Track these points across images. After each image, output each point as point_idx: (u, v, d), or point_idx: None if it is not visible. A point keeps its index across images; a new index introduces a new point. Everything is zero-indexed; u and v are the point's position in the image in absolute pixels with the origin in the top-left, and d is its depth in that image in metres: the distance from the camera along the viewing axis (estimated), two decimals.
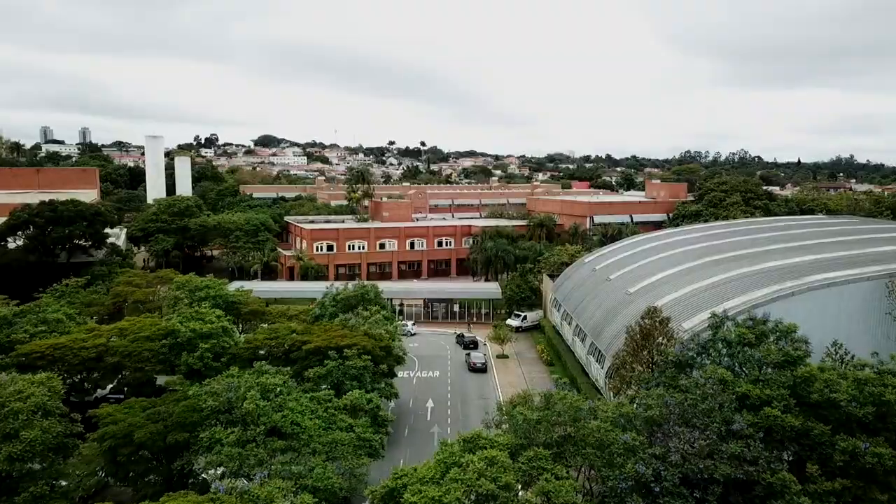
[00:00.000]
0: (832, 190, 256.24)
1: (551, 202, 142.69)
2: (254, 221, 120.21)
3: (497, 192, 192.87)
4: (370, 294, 70.96)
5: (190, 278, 74.24)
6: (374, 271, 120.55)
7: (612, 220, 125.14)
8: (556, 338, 78.67)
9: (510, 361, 75.27)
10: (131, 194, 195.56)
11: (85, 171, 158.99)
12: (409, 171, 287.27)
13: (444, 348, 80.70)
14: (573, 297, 72.96)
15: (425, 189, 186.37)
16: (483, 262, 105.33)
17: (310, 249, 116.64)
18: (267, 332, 57.84)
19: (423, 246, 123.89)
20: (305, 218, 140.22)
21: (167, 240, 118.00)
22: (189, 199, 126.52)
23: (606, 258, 77.63)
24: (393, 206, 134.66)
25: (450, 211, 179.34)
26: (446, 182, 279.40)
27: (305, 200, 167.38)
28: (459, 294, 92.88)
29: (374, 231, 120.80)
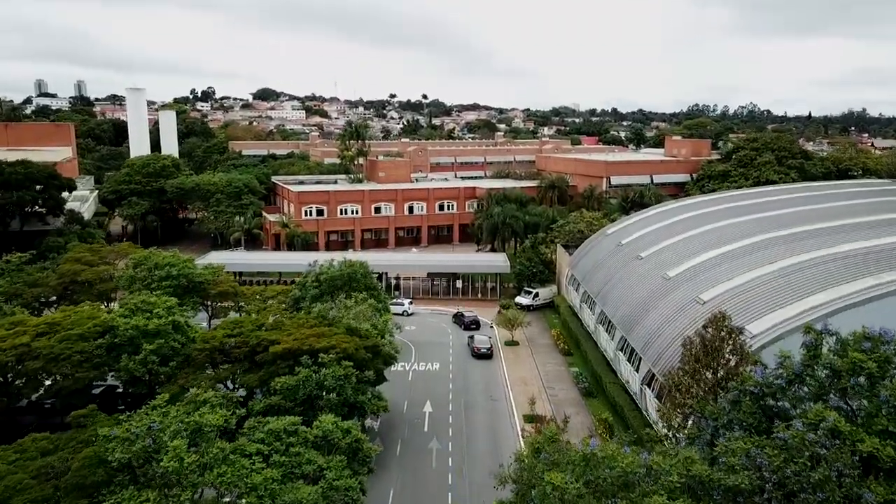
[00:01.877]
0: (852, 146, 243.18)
1: (563, 161, 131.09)
2: (236, 183, 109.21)
3: (503, 149, 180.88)
4: (358, 274, 60.59)
5: (150, 254, 63.93)
6: (368, 238, 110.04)
7: (630, 181, 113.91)
8: (572, 320, 68.60)
9: (521, 349, 65.30)
10: (114, 151, 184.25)
11: (58, 126, 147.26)
12: (409, 126, 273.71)
13: (444, 331, 70.72)
14: (595, 278, 62.53)
15: (426, 146, 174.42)
16: (489, 230, 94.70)
17: (297, 214, 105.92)
18: (228, 328, 47.70)
19: (423, 210, 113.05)
20: (295, 178, 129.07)
21: (141, 203, 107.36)
22: (166, 158, 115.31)
23: (633, 230, 66.95)
24: (390, 165, 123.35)
25: (452, 169, 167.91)
26: (448, 137, 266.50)
27: (297, 159, 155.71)
28: (462, 267, 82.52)
29: (369, 193, 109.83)
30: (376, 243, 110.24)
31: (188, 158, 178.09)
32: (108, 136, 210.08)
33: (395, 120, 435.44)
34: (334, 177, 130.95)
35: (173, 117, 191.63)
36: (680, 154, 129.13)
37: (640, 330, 47.46)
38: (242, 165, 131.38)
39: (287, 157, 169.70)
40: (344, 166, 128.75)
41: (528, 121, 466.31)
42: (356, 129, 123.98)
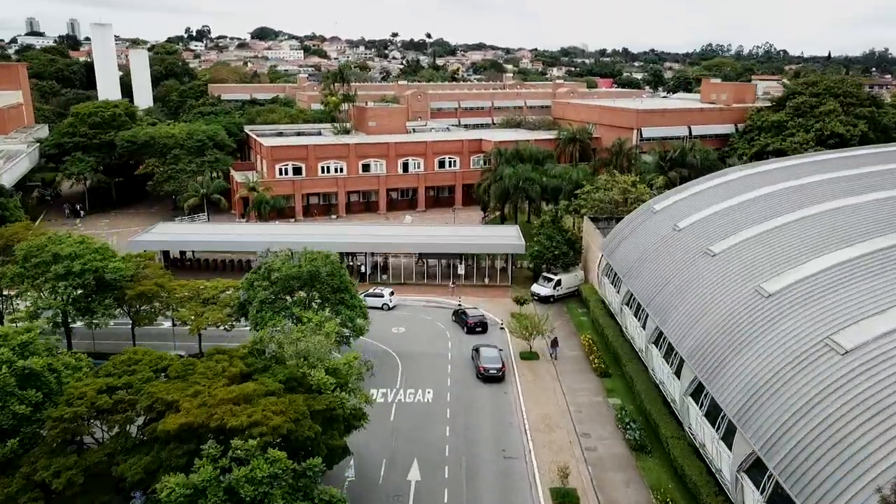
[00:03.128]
0: (883, 88, 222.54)
1: (585, 108, 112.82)
2: (198, 135, 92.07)
3: (512, 93, 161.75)
4: (322, 272, 44.44)
5: (49, 241, 47.85)
6: (356, 201, 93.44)
7: (665, 133, 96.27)
8: (607, 323, 52.82)
9: (541, 365, 49.58)
10: (81, 95, 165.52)
11: (7, 67, 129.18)
12: (409, 67, 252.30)
13: (442, 335, 54.98)
14: (643, 274, 46.23)
15: (426, 89, 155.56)
16: (498, 195, 77.96)
17: (270, 173, 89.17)
18: (116, 370, 32.06)
19: (420, 167, 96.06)
20: (273, 129, 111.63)
21: (85, 160, 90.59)
22: (117, 105, 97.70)
23: (691, 207, 50.24)
24: (382, 113, 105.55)
25: (455, 116, 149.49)
26: (452, 79, 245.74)
27: (278, 105, 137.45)
28: (465, 246, 66.08)
29: (355, 147, 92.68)
30: (365, 207, 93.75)
31: (162, 103, 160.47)
32: (79, 79, 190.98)
33: (396, 60, 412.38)
34: (319, 126, 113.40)
35: (145, 57, 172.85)
36: (719, 100, 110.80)
37: (728, 376, 31.52)
38: (212, 114, 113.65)
39: (272, 102, 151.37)
40: (329, 114, 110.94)
41: (536, 62, 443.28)
42: (340, 71, 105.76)
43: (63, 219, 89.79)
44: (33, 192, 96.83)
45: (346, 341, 45.21)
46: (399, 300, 62.00)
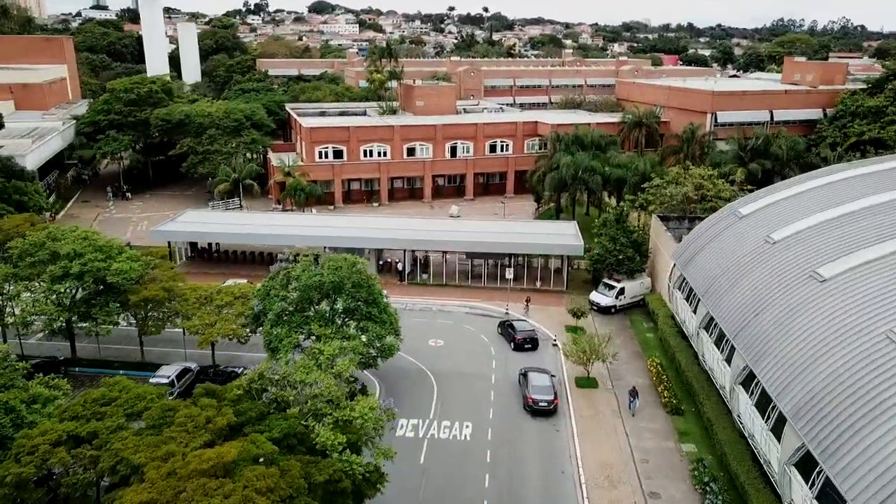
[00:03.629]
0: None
1: (651, 89, 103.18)
2: (235, 113, 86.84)
3: (571, 70, 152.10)
4: (347, 283, 38.15)
5: (49, 234, 42.94)
6: (399, 188, 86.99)
7: (743, 117, 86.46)
8: (677, 342, 45.33)
9: (600, 397, 42.40)
10: (130, 70, 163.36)
11: (49, 41, 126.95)
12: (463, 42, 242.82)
13: (485, 351, 48.23)
14: (728, 295, 38.30)
15: (480, 66, 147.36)
16: (554, 185, 70.25)
17: (309, 156, 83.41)
18: (86, 409, 26.51)
19: (469, 152, 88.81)
20: (316, 107, 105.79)
21: (120, 139, 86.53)
22: (154, 82, 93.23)
23: (787, 215, 41.89)
24: (430, 92, 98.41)
25: (510, 94, 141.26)
26: (508, 55, 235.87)
27: (324, 82, 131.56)
28: (515, 245, 58.85)
29: (400, 130, 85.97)
30: (409, 194, 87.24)
31: (210, 78, 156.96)
32: (131, 53, 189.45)
33: (452, 35, 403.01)
34: (364, 106, 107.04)
35: (193, 31, 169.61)
36: (804, 81, 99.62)
37: (859, 453, 23.93)
38: (253, 90, 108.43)
39: (319, 79, 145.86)
40: (375, 92, 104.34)
41: (597, 37, 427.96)
42: (388, 46, 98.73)
43: (103, 200, 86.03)
44: (69, 171, 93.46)
45: (372, 363, 39.06)
46: (440, 306, 55.53)
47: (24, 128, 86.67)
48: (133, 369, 44.33)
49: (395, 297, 56.16)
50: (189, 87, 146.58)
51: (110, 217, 79.22)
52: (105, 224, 76.18)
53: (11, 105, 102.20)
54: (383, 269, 63.00)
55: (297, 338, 37.37)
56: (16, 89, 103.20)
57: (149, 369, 43.80)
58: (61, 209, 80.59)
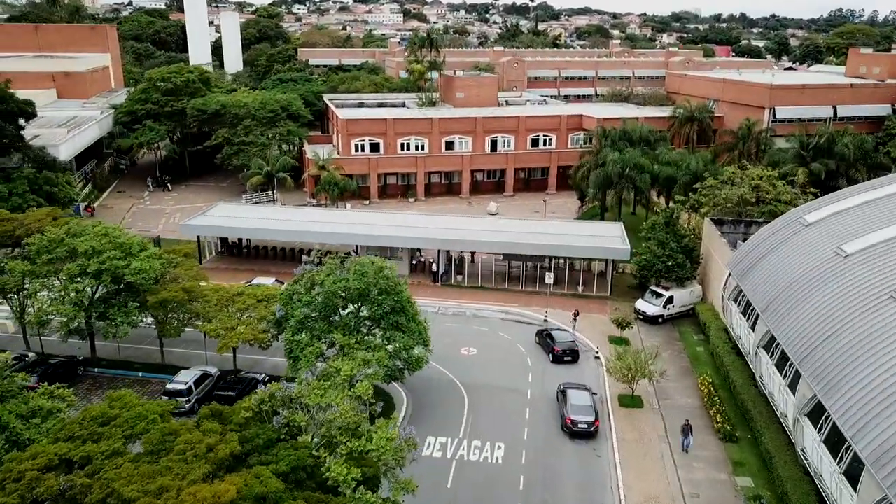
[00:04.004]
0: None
1: (704, 82, 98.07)
2: (271, 104, 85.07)
3: (619, 62, 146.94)
4: (373, 290, 35.52)
5: (68, 230, 41.36)
6: (436, 182, 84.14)
7: (804, 113, 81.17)
8: (731, 360, 41.58)
9: (645, 418, 38.98)
10: (174, 59, 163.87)
11: (94, 29, 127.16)
12: (508, 32, 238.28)
13: (521, 361, 45.13)
14: (793, 314, 34.46)
15: (523, 56, 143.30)
16: (598, 183, 66.48)
17: (345, 149, 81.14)
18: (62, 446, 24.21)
19: (511, 146, 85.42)
20: (354, 98, 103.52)
21: (156, 128, 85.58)
22: (191, 71, 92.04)
23: (861, 225, 37.72)
24: (470, 83, 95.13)
25: (554, 86, 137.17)
26: (553, 45, 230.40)
27: (364, 72, 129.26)
28: (557, 248, 55.38)
29: (439, 122, 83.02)
30: (447, 189, 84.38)
31: (251, 68, 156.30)
32: (175, 41, 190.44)
33: (497, 25, 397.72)
34: (404, 97, 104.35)
35: (236, 20, 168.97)
36: (870, 74, 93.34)
37: None
38: (291, 80, 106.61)
39: (359, 69, 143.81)
40: (415, 83, 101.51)
41: (645, 27, 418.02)
42: (428, 35, 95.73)
43: (138, 191, 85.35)
44: (106, 161, 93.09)
45: (398, 376, 36.42)
46: (475, 310, 52.61)
47: (63, 116, 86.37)
48: (153, 371, 42.67)
49: (427, 300, 53.79)
50: (230, 77, 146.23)
51: (144, 208, 78.29)
52: (138, 215, 75.30)
53: (54, 93, 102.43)
54: (417, 268, 60.39)
55: (319, 347, 34.93)
56: (58, 78, 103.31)
57: (169, 372, 42.04)
58: (96, 199, 79.91)
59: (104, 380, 42.00)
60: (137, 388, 40.82)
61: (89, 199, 78.84)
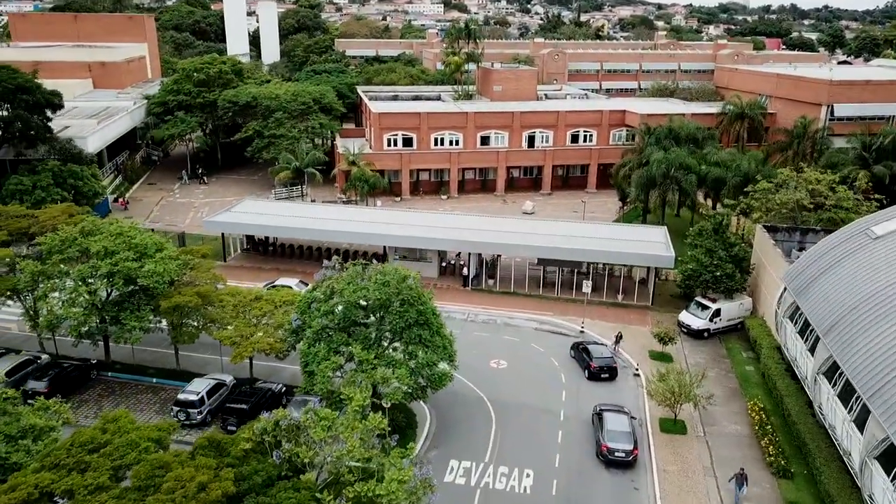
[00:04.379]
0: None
1: (756, 76, 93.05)
2: (304, 96, 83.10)
3: (664, 54, 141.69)
4: (394, 301, 32.94)
5: (82, 229, 39.78)
6: (470, 179, 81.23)
7: (865, 111, 76.02)
8: (785, 384, 38.04)
9: (688, 445, 35.72)
10: (212, 48, 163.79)
11: (132, 18, 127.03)
12: (549, 23, 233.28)
13: (555, 377, 42.11)
14: (860, 340, 30.83)
15: (564, 48, 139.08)
16: (641, 183, 62.81)
17: (377, 143, 78.76)
18: (43, 477, 22.24)
19: (549, 142, 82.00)
20: (390, 90, 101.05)
21: (187, 120, 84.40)
22: (224, 62, 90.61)
23: None
24: (508, 76, 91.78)
25: (596, 79, 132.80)
26: (596, 37, 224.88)
27: (400, 64, 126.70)
28: (595, 253, 52.03)
29: (474, 116, 80.00)
30: (481, 186, 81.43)
31: (288, 58, 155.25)
32: (214, 31, 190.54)
33: (538, 15, 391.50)
34: (440, 90, 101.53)
35: (274, 10, 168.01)
36: None
37: None
38: (325, 72, 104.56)
39: (396, 60, 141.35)
40: (451, 76, 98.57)
41: (691, 18, 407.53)
42: (466, 26, 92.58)
43: (169, 183, 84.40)
44: (138, 152, 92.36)
45: (419, 395, 33.84)
46: (506, 318, 49.73)
47: (96, 107, 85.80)
48: (167, 377, 40.92)
49: (456, 305, 51.25)
50: (266, 67, 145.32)
51: (173, 201, 77.14)
52: (166, 209, 74.14)
53: (90, 83, 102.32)
54: (446, 271, 57.75)
55: (337, 360, 32.52)
56: (94, 67, 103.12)
57: (184, 378, 40.25)
58: (126, 192, 79.04)
59: (117, 385, 40.37)
60: (150, 395, 39.26)
61: (119, 191, 78.00)
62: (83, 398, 38.80)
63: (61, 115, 76.78)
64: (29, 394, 37.37)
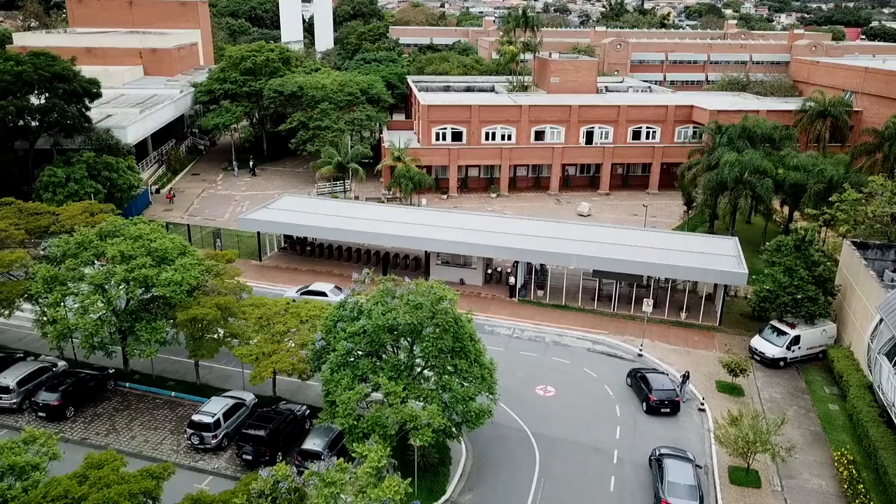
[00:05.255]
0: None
1: (840, 70, 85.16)
2: (351, 86, 79.78)
3: (735, 45, 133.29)
4: (426, 323, 29.02)
5: (99, 231, 37.22)
6: (522, 176, 76.66)
7: None
8: (879, 433, 32.68)
9: (762, 501, 30.81)
10: (266, 35, 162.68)
11: (185, 5, 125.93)
12: (611, 10, 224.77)
13: (608, 409, 37.54)
14: None
15: (626, 37, 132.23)
16: (711, 188, 57.17)
17: (426, 137, 74.88)
18: None
19: (608, 138, 76.60)
20: (442, 80, 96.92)
21: (232, 109, 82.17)
22: (272, 50, 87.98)
23: None
24: (566, 66, 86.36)
25: (660, 70, 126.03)
26: (661, 25, 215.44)
27: (454, 52, 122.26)
28: (656, 267, 46.96)
29: (528, 110, 75.21)
30: (534, 184, 76.78)
31: (341, 46, 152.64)
32: (270, 18, 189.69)
33: (600, 2, 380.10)
34: (494, 80, 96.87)
35: None
36: None
37: None
38: (375, 61, 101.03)
39: (450, 49, 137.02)
40: (506, 66, 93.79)
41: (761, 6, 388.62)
42: (524, 13, 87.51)
43: (215, 174, 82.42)
44: (184, 141, 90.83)
45: (452, 433, 29.95)
46: (556, 335, 45.33)
47: (143, 95, 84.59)
48: (187, 391, 38.12)
49: (501, 318, 47.26)
50: (320, 55, 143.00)
51: (215, 194, 74.99)
52: (207, 202, 72.03)
53: (140, 70, 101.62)
54: (492, 278, 53.63)
55: (362, 390, 28.93)
56: (145, 54, 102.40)
57: (204, 393, 37.48)
58: (168, 182, 77.35)
59: (134, 398, 37.79)
60: (167, 411, 36.52)
61: (161, 182, 76.36)
62: (97, 411, 36.34)
63: (105, 103, 75.64)
64: (39, 406, 35.24)
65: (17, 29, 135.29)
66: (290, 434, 33.86)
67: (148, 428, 34.98)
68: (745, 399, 38.32)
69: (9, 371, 36.84)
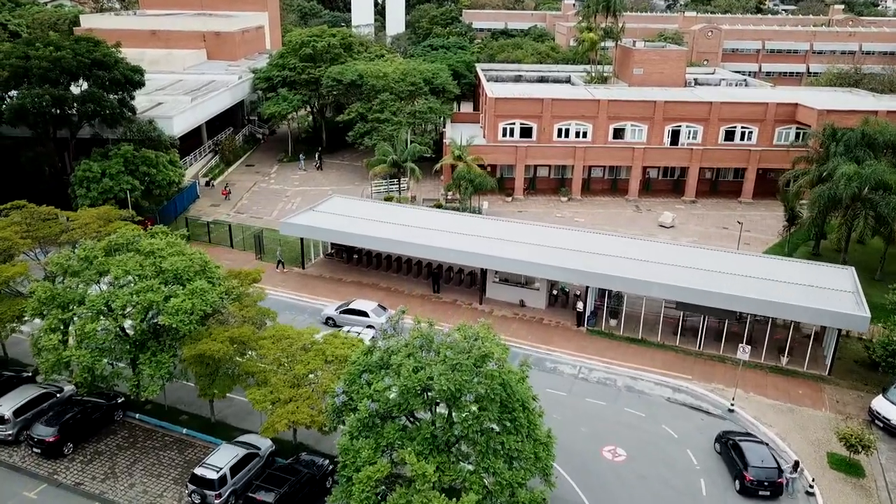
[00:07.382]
0: None
1: None
2: (414, 76, 74.05)
3: (842, 33, 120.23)
4: (468, 390, 23.05)
5: (107, 244, 32.83)
6: (597, 178, 69.31)
7: None
8: None
9: None
10: (337, 18, 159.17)
11: None
12: None
13: (689, 485, 30.61)
14: None
15: (718, 23, 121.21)
16: (820, 203, 48.66)
17: (492, 132, 68.48)
18: None
19: (697, 138, 68.22)
20: (514, 69, 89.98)
21: (290, 98, 77.88)
22: (334, 35, 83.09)
23: None
24: (651, 56, 77.82)
25: (755, 60, 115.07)
26: (757, 10, 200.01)
27: (528, 39, 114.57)
28: (750, 302, 39.25)
29: (607, 105, 67.57)
30: (610, 187, 69.36)
31: (413, 30, 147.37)
32: (342, 1, 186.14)
33: None
34: (570, 70, 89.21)
35: None
36: None
37: None
38: (442, 48, 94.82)
39: (525, 35, 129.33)
40: (584, 55, 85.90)
41: None
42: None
43: (270, 165, 78.55)
44: (242, 130, 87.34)
45: None
46: (630, 378, 38.57)
47: (201, 80, 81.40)
48: (200, 428, 33.57)
49: (565, 353, 41.01)
50: (389, 39, 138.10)
51: (266, 188, 70.97)
52: (256, 197, 68.05)
53: (203, 54, 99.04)
54: (557, 301, 47.10)
55: (384, 467, 23.30)
56: (208, 37, 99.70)
57: (218, 433, 32.89)
58: (220, 174, 73.80)
59: (142, 433, 33.49)
60: (174, 453, 32.02)
61: (213, 174, 72.87)
62: (99, 448, 32.20)
63: (160, 89, 72.61)
64: (35, 441, 31.32)
65: (91, 11, 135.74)
66: (306, 497, 28.73)
67: (150, 474, 30.55)
68: (865, 482, 30.77)
69: (7, 397, 33.13)
